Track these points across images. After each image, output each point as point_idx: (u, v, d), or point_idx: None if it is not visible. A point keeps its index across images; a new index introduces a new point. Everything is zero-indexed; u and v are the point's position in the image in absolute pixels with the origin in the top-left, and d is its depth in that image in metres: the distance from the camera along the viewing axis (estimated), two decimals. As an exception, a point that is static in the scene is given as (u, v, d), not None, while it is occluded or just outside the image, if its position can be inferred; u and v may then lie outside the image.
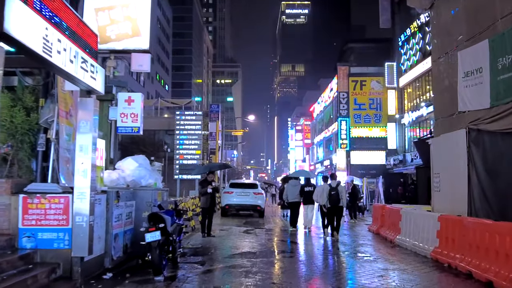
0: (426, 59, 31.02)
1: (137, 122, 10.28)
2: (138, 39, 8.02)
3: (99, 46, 6.62)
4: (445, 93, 15.32)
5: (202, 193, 12.63)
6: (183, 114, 33.38)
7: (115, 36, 7.51)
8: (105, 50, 7.56)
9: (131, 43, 7.97)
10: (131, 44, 7.98)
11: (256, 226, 16.49)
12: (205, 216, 12.69)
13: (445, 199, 12.63)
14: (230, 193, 19.87)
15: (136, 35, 7.91)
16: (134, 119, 10.35)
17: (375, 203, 25.48)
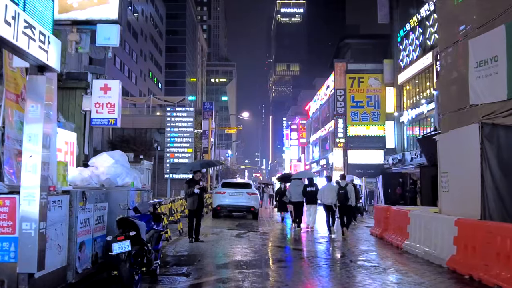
0: (426, 54, 29.97)
1: (114, 113, 9.04)
2: (105, 7, 6.77)
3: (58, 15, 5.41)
4: (453, 86, 14.24)
5: (188, 193, 11.41)
6: (174, 110, 32.07)
7: (78, 4, 6.28)
8: (66, 20, 6.33)
9: (97, 12, 6.72)
10: (96, 13, 6.73)
11: (249, 229, 15.30)
12: (192, 219, 11.47)
13: (454, 200, 11.59)
14: (222, 193, 18.65)
15: (102, 3, 6.66)
16: (111, 110, 9.11)
17: (376, 204, 24.41)
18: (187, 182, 11.68)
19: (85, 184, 8.40)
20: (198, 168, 12.09)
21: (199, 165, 12.51)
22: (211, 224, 16.76)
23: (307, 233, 14.61)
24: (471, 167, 10.06)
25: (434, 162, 17.27)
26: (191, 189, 11.28)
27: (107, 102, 9.15)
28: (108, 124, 9.16)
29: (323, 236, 13.89)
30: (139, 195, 8.60)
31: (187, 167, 13.42)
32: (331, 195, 13.56)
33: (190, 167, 12.56)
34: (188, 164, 15.31)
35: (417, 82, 32.88)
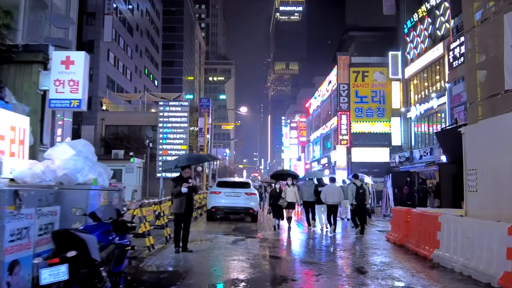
0: (437, 45, 28.11)
1: (78, 92, 7.18)
2: None
3: None
4: (483, 70, 12.45)
5: (174, 193, 9.50)
6: (167, 105, 30.08)
7: None
8: None
9: None
10: None
11: (248, 234, 13.43)
12: (180, 224, 9.60)
13: (485, 201, 9.90)
14: (218, 193, 16.74)
15: None
16: (74, 89, 7.26)
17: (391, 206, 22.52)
18: (173, 180, 9.77)
19: (36, 181, 6.56)
20: (186, 163, 10.13)
21: (187, 159, 10.41)
22: (204, 228, 14.88)
23: (313, 238, 12.76)
24: (507, 163, 8.41)
25: (455, 159, 15.44)
26: (178, 189, 9.40)
27: (70, 79, 7.29)
28: (70, 107, 7.28)
29: (332, 242, 12.07)
30: (106, 197, 6.73)
31: (172, 163, 11.22)
32: (336, 195, 14.06)
33: (175, 163, 10.57)
34: (180, 157, 13.00)
35: (425, 76, 31.03)
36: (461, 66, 22.92)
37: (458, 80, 23.61)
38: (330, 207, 14.00)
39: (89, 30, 48.71)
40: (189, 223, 9.81)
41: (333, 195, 13.91)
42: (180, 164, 9.99)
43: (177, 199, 9.50)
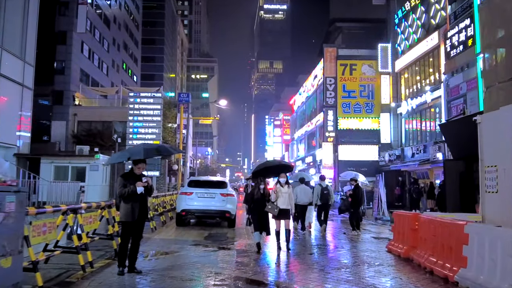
0: (431, 35, 26.21)
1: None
2: None
3: None
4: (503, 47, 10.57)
5: (124, 195, 7.13)
6: (138, 96, 27.50)
7: None
8: None
9: None
10: None
11: (222, 243, 11.18)
12: (128, 236, 7.26)
13: (509, 204, 8.09)
14: (188, 194, 14.39)
15: None
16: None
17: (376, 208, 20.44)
18: (123, 177, 7.37)
19: None
20: (143, 155, 7.71)
21: (144, 151, 7.73)
22: (172, 236, 12.56)
23: (303, 249, 10.55)
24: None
25: (463, 154, 13.42)
26: (131, 188, 7.08)
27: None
28: None
29: (326, 255, 9.89)
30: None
31: (122, 155, 8.51)
32: (306, 196, 14.10)
33: (127, 155, 8.05)
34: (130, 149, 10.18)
35: (417, 69, 29.13)
36: (460, 55, 21.07)
37: (456, 70, 21.71)
38: (301, 207, 14.03)
39: (61, 20, 45.88)
40: (141, 234, 7.48)
41: (305, 196, 14.07)
42: (135, 156, 7.54)
43: (128, 203, 7.16)
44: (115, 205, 7.50)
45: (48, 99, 45.30)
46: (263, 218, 10.12)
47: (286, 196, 10.25)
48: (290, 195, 10.35)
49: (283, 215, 10.13)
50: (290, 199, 10.32)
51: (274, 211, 9.98)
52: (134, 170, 7.38)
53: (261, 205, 10.11)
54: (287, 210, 10.21)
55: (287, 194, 10.27)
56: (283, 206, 10.07)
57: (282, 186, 10.31)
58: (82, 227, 7.80)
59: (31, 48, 25.15)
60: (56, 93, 44.83)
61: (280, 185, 10.32)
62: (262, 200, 10.19)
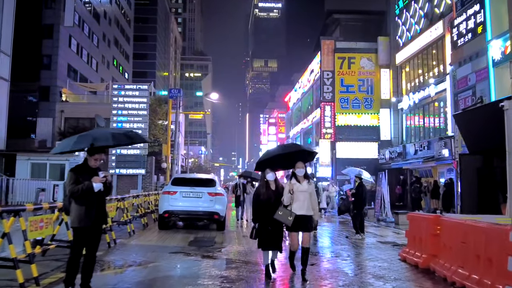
0: (435, 24, 24.72)
1: None
2: None
3: None
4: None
5: (76, 194, 5.47)
6: (122, 88, 25.80)
7: None
8: None
9: None
10: None
11: (208, 250, 9.61)
12: (81, 247, 5.63)
13: None
14: (172, 193, 12.78)
15: None
16: None
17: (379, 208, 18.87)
18: (74, 171, 5.70)
19: None
20: (109, 141, 5.84)
21: (112, 137, 5.68)
22: (150, 241, 10.98)
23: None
24: None
25: (479, 147, 11.92)
26: (86, 185, 5.45)
27: None
28: None
29: (332, 267, 8.33)
30: None
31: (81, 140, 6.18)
32: None
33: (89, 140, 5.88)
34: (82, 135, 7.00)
35: (419, 62, 27.64)
36: (469, 43, 19.59)
37: (463, 60, 20.21)
38: None
39: (48, 14, 44.21)
40: (97, 244, 5.84)
41: None
42: (100, 141, 5.67)
43: (81, 204, 5.53)
44: (64, 208, 5.87)
45: (34, 95, 43.61)
46: (275, 229, 6.86)
47: (306, 196, 6.76)
48: (312, 195, 6.89)
49: (301, 225, 6.67)
50: (312, 201, 6.87)
51: (287, 219, 6.58)
52: (88, 162, 5.74)
53: (271, 210, 6.72)
54: (307, 217, 6.74)
55: (307, 193, 6.79)
56: (300, 212, 6.63)
57: (300, 182, 6.80)
58: (26, 233, 6.20)
59: (7, 36, 23.46)
60: (42, 89, 43.11)
61: (297, 181, 6.82)
62: (273, 204, 6.79)
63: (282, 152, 7.44)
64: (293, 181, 6.83)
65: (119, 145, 6.62)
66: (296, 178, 6.86)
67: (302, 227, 6.74)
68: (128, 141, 5.96)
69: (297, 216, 6.60)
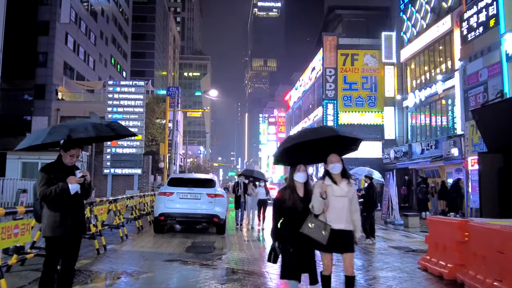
0: (442, 19, 23.86)
1: None
2: None
3: None
4: None
5: (46, 196, 4.59)
6: (118, 85, 24.84)
7: None
8: None
9: None
10: None
11: (206, 257, 8.70)
12: (55, 260, 4.74)
13: None
14: (168, 195, 11.87)
15: None
16: None
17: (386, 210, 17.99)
18: (45, 170, 4.79)
19: None
20: (89, 133, 4.81)
21: (91, 127, 4.73)
22: (144, 247, 10.07)
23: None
24: None
25: (500, 145, 11.03)
26: (57, 187, 4.56)
27: None
28: None
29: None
30: None
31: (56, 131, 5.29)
32: None
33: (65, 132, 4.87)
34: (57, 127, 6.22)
35: (426, 58, 26.76)
36: (480, 37, 18.74)
37: (474, 55, 19.32)
38: None
39: (44, 10, 43.34)
40: (75, 256, 4.94)
41: None
42: (78, 133, 4.70)
43: (55, 210, 4.65)
44: (34, 214, 4.96)
45: (29, 93, 42.73)
46: (305, 249, 4.89)
47: (345, 204, 4.79)
48: (353, 202, 4.86)
49: (339, 243, 4.74)
50: (353, 210, 4.84)
51: (320, 234, 4.68)
52: (63, 159, 4.83)
53: (297, 223, 4.82)
54: (347, 233, 4.78)
55: (347, 199, 4.80)
56: (338, 225, 4.72)
57: (337, 183, 4.82)
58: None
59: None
60: (38, 87, 42.27)
61: (332, 181, 4.82)
62: (300, 214, 4.84)
63: (308, 138, 4.99)
64: (326, 181, 4.80)
65: (101, 137, 5.72)
66: (331, 178, 4.82)
67: (341, 246, 4.74)
68: (112, 133, 4.99)
69: (333, 231, 4.67)
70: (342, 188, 4.78)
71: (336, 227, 4.70)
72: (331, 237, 4.66)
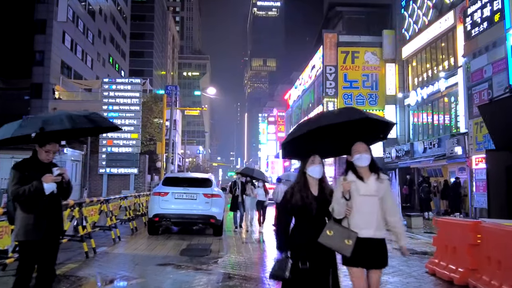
0: (445, 15, 23.38)
1: None
2: None
3: None
4: None
5: (18, 196, 4.09)
6: (114, 82, 24.34)
7: None
8: None
9: None
10: None
11: (202, 260, 8.24)
12: (30, 267, 4.27)
13: None
14: (163, 195, 11.39)
15: None
16: None
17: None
18: (18, 168, 4.30)
19: None
20: (65, 125, 4.25)
21: (66, 119, 4.19)
22: (137, 249, 9.59)
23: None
24: None
25: (509, 142, 10.59)
26: (31, 186, 4.08)
27: None
28: None
29: None
30: None
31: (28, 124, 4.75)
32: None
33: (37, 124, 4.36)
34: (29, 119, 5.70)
35: (427, 56, 26.30)
36: (484, 33, 18.29)
37: (478, 52, 18.86)
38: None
39: (41, 8, 42.93)
40: (53, 262, 4.46)
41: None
42: (51, 126, 4.15)
43: (28, 212, 4.18)
44: (7, 215, 4.48)
45: (26, 92, 42.30)
46: (318, 264, 3.71)
47: (375, 205, 3.78)
48: (388, 202, 3.85)
49: (368, 256, 3.71)
50: (389, 210, 3.85)
51: (342, 244, 3.64)
52: (39, 155, 4.35)
53: (313, 228, 3.74)
54: (379, 243, 3.77)
55: (377, 199, 3.78)
56: (366, 233, 3.70)
57: (363, 179, 3.80)
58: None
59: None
60: (35, 86, 41.90)
61: (357, 176, 3.81)
62: (315, 218, 3.80)
63: (331, 121, 3.81)
64: (350, 177, 3.78)
65: (80, 131, 5.19)
66: (356, 173, 3.80)
67: (369, 259, 3.70)
68: (91, 125, 4.45)
69: (359, 240, 3.62)
70: (370, 185, 3.75)
71: (363, 234, 3.63)
72: (357, 248, 3.58)
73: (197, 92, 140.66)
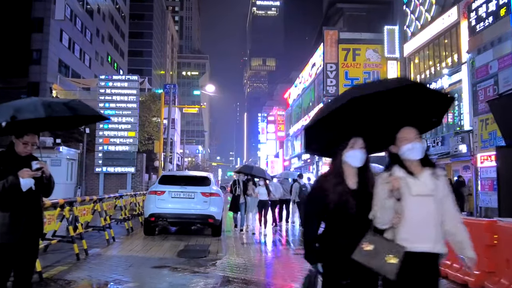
0: (448, 11, 22.96)
1: None
2: None
3: None
4: None
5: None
6: (110, 79, 23.92)
7: None
8: None
9: None
10: None
11: (199, 262, 7.80)
12: (5, 272, 3.81)
13: None
14: (160, 193, 10.94)
15: None
16: None
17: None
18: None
19: None
20: (39, 113, 3.67)
21: (41, 106, 3.62)
22: (132, 250, 9.15)
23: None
24: None
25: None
26: (6, 182, 3.62)
27: None
28: None
29: None
30: None
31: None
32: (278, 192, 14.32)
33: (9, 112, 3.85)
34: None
35: (430, 52, 25.87)
36: (489, 28, 17.88)
37: (483, 47, 18.45)
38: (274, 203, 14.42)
39: (38, 6, 42.46)
40: (32, 266, 4.02)
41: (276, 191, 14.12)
42: (24, 114, 3.60)
43: (2, 210, 3.72)
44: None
45: (23, 91, 41.83)
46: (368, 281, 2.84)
47: (431, 208, 2.74)
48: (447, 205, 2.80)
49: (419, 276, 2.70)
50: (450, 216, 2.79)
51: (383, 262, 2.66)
52: (16, 147, 3.89)
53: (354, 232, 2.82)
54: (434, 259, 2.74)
55: (433, 200, 2.75)
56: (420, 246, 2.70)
57: (413, 174, 2.79)
58: None
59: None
60: (32, 85, 41.39)
61: (407, 171, 2.80)
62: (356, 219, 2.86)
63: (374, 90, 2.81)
64: (397, 172, 2.82)
65: (59, 121, 4.53)
66: (404, 167, 2.84)
67: (421, 281, 2.72)
68: (71, 113, 3.93)
69: (409, 255, 2.68)
70: (424, 182, 2.77)
71: (417, 248, 2.69)
72: (405, 266, 2.63)
73: (196, 92, 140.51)
